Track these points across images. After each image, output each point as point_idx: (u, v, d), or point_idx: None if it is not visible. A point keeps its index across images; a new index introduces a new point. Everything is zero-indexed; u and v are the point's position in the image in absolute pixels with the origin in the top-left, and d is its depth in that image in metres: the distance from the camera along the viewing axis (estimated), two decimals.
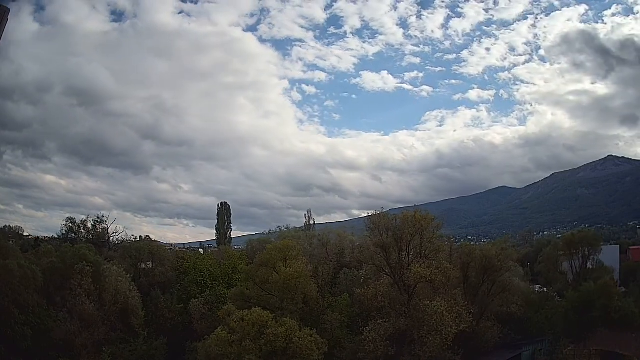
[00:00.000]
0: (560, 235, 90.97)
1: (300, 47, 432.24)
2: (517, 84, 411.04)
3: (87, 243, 48.37)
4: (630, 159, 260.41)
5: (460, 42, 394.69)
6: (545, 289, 51.15)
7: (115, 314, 39.04)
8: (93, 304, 37.51)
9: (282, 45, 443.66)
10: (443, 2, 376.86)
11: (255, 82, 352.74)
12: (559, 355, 37.61)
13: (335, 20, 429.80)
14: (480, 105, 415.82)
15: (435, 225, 37.81)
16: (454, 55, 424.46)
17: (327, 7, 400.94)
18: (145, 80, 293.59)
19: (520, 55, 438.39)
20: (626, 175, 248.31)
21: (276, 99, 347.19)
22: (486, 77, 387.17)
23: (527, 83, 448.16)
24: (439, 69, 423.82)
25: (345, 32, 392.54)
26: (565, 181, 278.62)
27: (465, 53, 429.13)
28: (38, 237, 73.79)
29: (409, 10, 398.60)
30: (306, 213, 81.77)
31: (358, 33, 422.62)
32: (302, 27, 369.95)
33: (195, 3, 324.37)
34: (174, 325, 42.01)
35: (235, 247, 77.23)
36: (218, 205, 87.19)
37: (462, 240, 63.71)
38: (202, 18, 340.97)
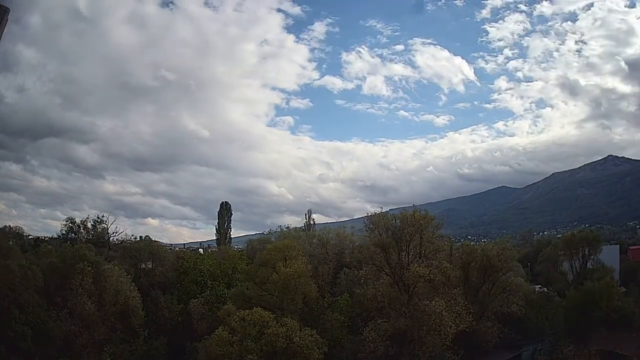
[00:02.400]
0: (560, 235, 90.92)
1: None
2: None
3: (87, 243, 48.33)
4: (630, 159, 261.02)
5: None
6: (545, 289, 51.12)
7: (115, 314, 38.98)
8: (93, 304, 37.45)
9: None
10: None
11: None
12: (559, 355, 37.60)
13: None
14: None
15: (435, 225, 37.89)
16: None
17: None
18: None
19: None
20: (626, 175, 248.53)
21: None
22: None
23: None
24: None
25: None
26: (565, 181, 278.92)
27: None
28: (38, 237, 73.85)
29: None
30: (306, 213, 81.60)
31: None
32: None
33: None
34: (174, 325, 41.97)
35: (235, 247, 77.19)
36: (220, 205, 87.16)
37: (462, 240, 63.53)
38: None
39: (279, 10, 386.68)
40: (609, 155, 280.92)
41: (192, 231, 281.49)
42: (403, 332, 32.78)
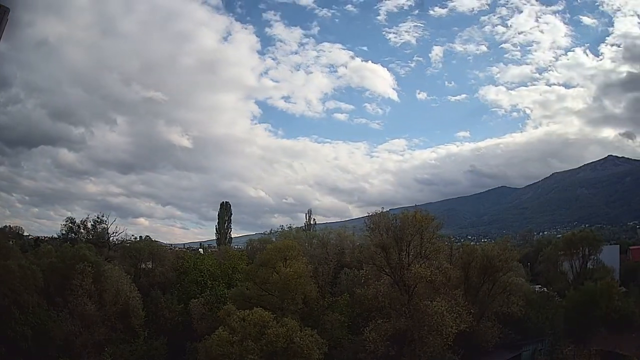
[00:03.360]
0: (560, 235, 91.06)
1: None
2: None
3: (87, 243, 48.27)
4: (630, 159, 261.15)
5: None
6: (545, 289, 51.16)
7: (115, 314, 38.93)
8: (93, 305, 37.39)
9: None
10: None
11: None
12: (559, 355, 37.62)
13: None
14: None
15: (435, 225, 37.82)
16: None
17: None
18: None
19: None
20: (626, 175, 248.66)
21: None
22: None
23: None
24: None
25: None
26: (565, 181, 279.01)
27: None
28: (38, 237, 73.88)
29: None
30: (306, 213, 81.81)
31: None
32: None
33: None
34: (174, 325, 41.95)
35: (235, 247, 77.19)
36: (220, 205, 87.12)
37: (462, 240, 63.66)
38: None
39: (201, 24, 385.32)
40: (609, 156, 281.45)
41: (184, 231, 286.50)
42: (403, 332, 32.77)
